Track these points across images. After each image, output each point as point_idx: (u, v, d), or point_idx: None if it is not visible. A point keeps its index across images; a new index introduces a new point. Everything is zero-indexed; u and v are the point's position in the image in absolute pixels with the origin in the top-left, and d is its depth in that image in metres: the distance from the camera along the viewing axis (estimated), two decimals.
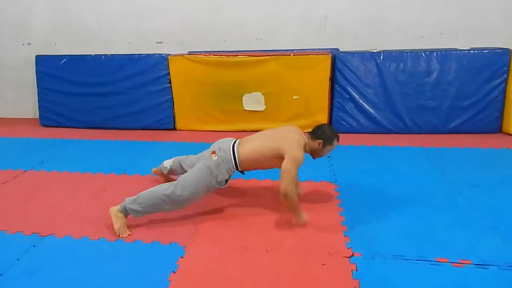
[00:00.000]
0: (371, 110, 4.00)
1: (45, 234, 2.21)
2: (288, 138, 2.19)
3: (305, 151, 2.27)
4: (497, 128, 3.92)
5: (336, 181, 2.84)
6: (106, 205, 2.50)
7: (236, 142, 2.30)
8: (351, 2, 4.24)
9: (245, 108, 4.16)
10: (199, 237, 2.14)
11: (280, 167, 2.13)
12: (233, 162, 2.23)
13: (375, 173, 2.96)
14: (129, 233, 2.19)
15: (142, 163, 3.34)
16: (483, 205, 2.39)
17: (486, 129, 3.90)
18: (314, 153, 2.32)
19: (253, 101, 4.14)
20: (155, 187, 2.26)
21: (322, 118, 4.09)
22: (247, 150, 2.23)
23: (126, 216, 2.21)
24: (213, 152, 2.25)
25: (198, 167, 2.25)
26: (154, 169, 2.88)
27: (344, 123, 4.07)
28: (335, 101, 4.07)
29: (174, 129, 4.39)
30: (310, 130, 3.99)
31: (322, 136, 2.24)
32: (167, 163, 2.74)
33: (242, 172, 2.34)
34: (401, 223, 2.21)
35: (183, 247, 2.05)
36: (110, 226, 2.24)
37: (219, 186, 2.27)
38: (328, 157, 3.35)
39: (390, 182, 2.78)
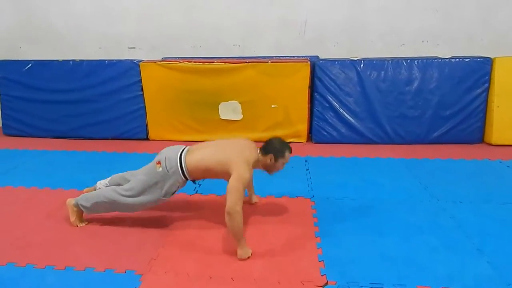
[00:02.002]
0: (351, 119, 3.86)
1: None
2: (237, 154, 2.04)
3: (258, 167, 2.17)
4: (479, 138, 3.84)
5: (313, 196, 2.66)
6: (58, 228, 2.29)
7: (185, 150, 2.14)
8: (331, 8, 4.12)
9: (221, 117, 3.97)
10: (158, 264, 1.92)
11: (227, 180, 2.00)
12: (181, 172, 2.09)
13: (355, 187, 2.80)
14: (84, 224, 2.29)
15: (107, 177, 3.08)
16: (467, 223, 2.25)
17: (468, 139, 3.81)
18: (268, 169, 2.19)
19: (229, 110, 3.95)
20: (107, 187, 2.31)
21: (302, 127, 3.93)
22: (194, 160, 2.09)
23: (81, 210, 2.27)
24: (158, 163, 2.10)
25: (142, 177, 2.15)
26: (87, 189, 2.52)
27: (325, 132, 3.92)
28: (315, 110, 3.92)
29: (147, 139, 4.15)
30: (289, 140, 3.92)
31: (272, 150, 2.11)
32: (101, 184, 2.47)
33: (193, 181, 2.20)
34: (381, 245, 2.04)
35: (139, 276, 1.83)
36: (61, 251, 2.02)
37: (163, 198, 2.13)
38: (307, 169, 3.19)
39: (371, 198, 2.62)
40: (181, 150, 2.13)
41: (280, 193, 2.68)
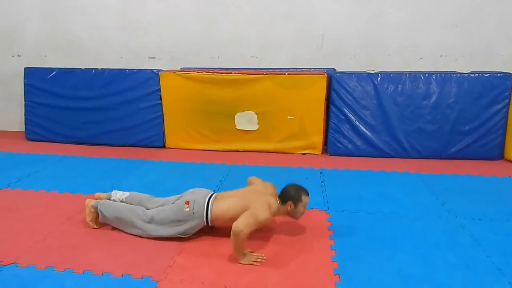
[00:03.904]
0: (367, 132, 3.85)
1: (7, 263, 2.01)
2: (259, 197, 2.11)
3: (280, 215, 2.23)
4: (498, 154, 3.76)
5: (328, 209, 2.65)
6: (77, 232, 2.34)
7: (213, 196, 2.20)
8: (349, 22, 4.15)
9: (237, 127, 4.01)
10: (174, 272, 1.94)
11: None
12: (204, 218, 2.15)
13: (371, 201, 2.78)
14: (98, 227, 2.35)
15: (124, 183, 3.17)
16: (487, 242, 2.20)
17: (488, 156, 3.74)
18: (292, 215, 2.23)
19: (245, 120, 3.99)
20: (131, 206, 2.32)
21: (317, 139, 3.94)
22: (221, 209, 2.15)
23: (97, 213, 2.34)
24: (187, 203, 2.16)
25: (167, 210, 2.20)
26: (99, 194, 2.53)
27: (340, 145, 3.91)
28: (330, 122, 3.93)
29: (164, 147, 4.22)
30: (304, 152, 3.94)
31: (289, 197, 2.16)
32: (117, 195, 2.46)
33: (211, 227, 2.24)
34: (397, 262, 2.02)
35: (155, 283, 1.86)
36: (80, 255, 2.08)
37: (181, 236, 2.19)
38: (322, 181, 3.19)
39: (387, 213, 2.59)
40: (209, 196, 2.19)
41: None
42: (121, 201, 2.42)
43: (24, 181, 3.17)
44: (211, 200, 2.17)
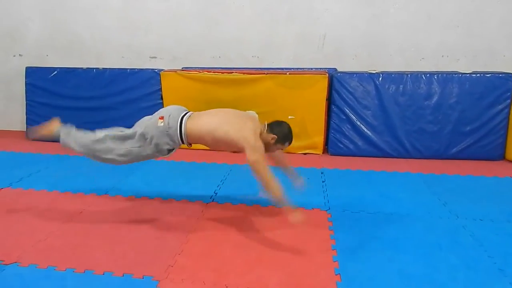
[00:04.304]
0: (369, 132, 3.85)
1: (8, 262, 2.02)
2: (246, 128, 2.06)
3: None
4: (500, 155, 3.76)
5: (329, 209, 2.65)
6: (79, 232, 2.35)
7: (187, 114, 2.19)
8: (350, 22, 4.15)
9: None
10: (175, 272, 1.94)
11: (229, 150, 2.13)
12: (178, 133, 2.13)
13: (372, 201, 2.78)
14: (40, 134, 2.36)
15: (125, 183, 3.17)
16: (488, 242, 2.19)
17: (489, 156, 3.74)
18: (265, 147, 2.21)
19: None
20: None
21: (318, 139, 3.93)
22: (198, 125, 2.13)
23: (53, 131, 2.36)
24: (161, 118, 2.13)
25: (135, 127, 2.22)
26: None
27: (341, 145, 3.91)
28: (331, 122, 3.93)
29: None
30: (305, 151, 3.93)
31: (279, 132, 2.15)
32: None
33: (188, 144, 2.21)
34: (398, 262, 2.01)
35: (156, 282, 1.85)
36: (81, 255, 2.07)
37: (158, 155, 2.18)
38: (323, 181, 3.18)
39: (388, 213, 2.59)
40: (184, 113, 2.18)
41: (296, 204, 2.68)
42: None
43: (26, 181, 3.17)
44: (185, 117, 2.15)
